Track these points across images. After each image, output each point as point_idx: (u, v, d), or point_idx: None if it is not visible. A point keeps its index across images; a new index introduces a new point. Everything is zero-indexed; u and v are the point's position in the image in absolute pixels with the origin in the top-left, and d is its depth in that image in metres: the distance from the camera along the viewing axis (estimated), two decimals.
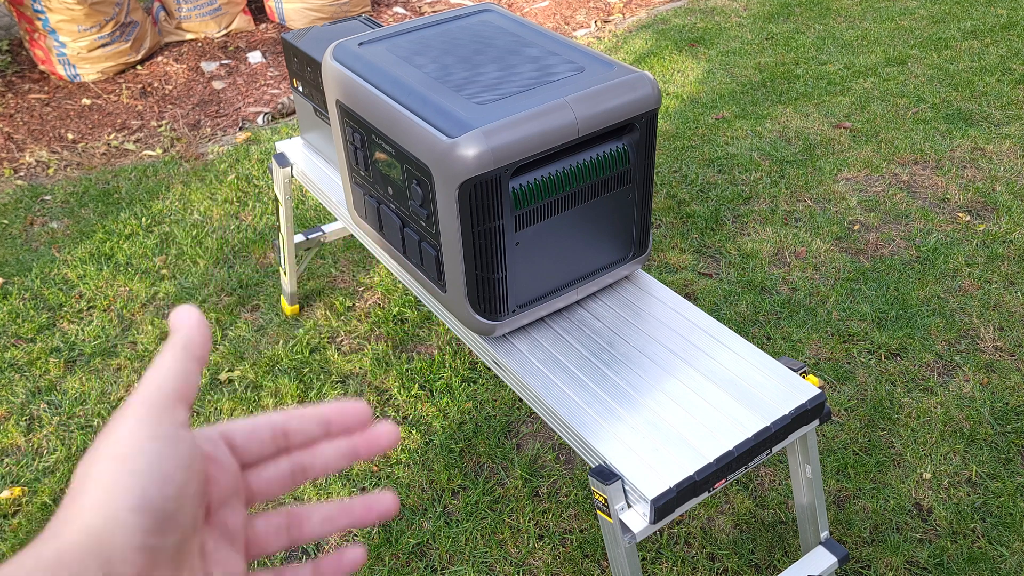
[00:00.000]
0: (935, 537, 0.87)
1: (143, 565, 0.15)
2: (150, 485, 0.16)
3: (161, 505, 0.16)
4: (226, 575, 0.18)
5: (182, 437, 0.17)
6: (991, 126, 1.65)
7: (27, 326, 1.23)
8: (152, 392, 0.17)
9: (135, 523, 0.15)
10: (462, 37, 0.74)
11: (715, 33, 2.12)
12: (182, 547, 0.16)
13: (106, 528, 0.15)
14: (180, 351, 0.18)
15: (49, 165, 1.68)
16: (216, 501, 0.18)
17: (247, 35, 2.22)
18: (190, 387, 0.18)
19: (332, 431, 0.20)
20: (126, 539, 0.15)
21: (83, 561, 0.15)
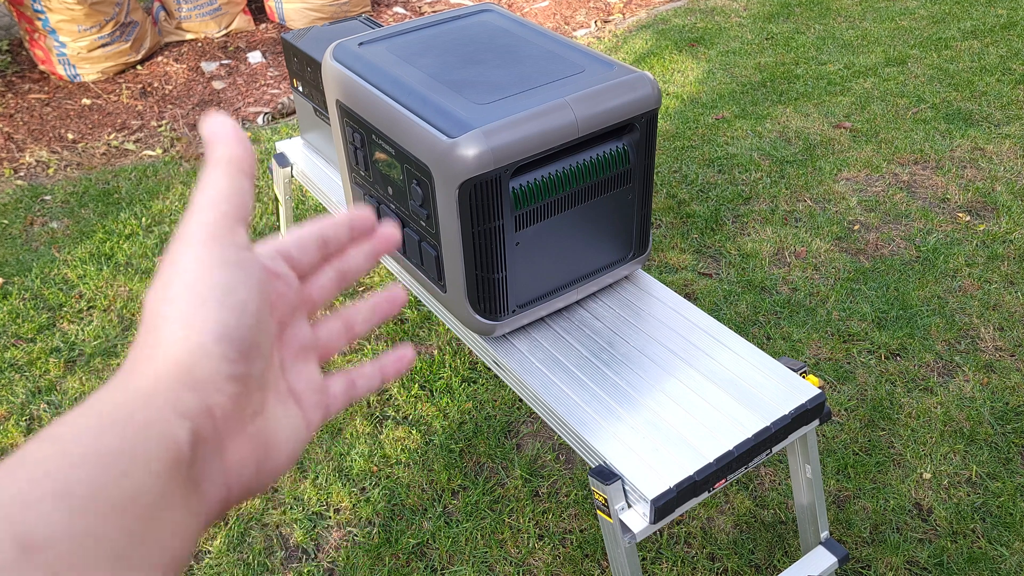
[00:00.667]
0: (935, 537, 0.87)
1: (236, 393, 0.15)
2: (229, 315, 0.15)
3: (242, 334, 0.15)
4: (309, 387, 0.18)
5: (249, 260, 0.16)
6: (991, 126, 1.65)
7: (27, 326, 1.23)
8: (209, 215, 0.16)
9: (221, 353, 0.15)
10: (462, 37, 0.74)
11: (715, 33, 2.12)
12: (266, 371, 0.16)
13: (193, 360, 0.15)
14: (226, 166, 0.17)
15: (49, 165, 1.68)
16: (285, 317, 0.18)
17: (247, 35, 2.22)
18: (245, 205, 0.17)
19: (355, 234, 0.20)
20: (216, 368, 0.15)
21: (177, 392, 0.14)
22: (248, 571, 0.88)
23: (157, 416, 0.14)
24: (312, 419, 0.18)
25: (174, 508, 0.14)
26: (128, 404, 0.14)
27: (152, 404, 0.14)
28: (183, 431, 0.14)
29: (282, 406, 0.17)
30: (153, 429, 0.14)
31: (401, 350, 0.21)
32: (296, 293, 0.19)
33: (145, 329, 0.15)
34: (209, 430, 0.15)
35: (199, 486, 0.14)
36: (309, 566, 0.87)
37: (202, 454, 0.15)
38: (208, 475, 0.15)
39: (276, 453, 0.16)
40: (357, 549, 0.89)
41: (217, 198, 0.16)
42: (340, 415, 1.07)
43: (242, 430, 0.16)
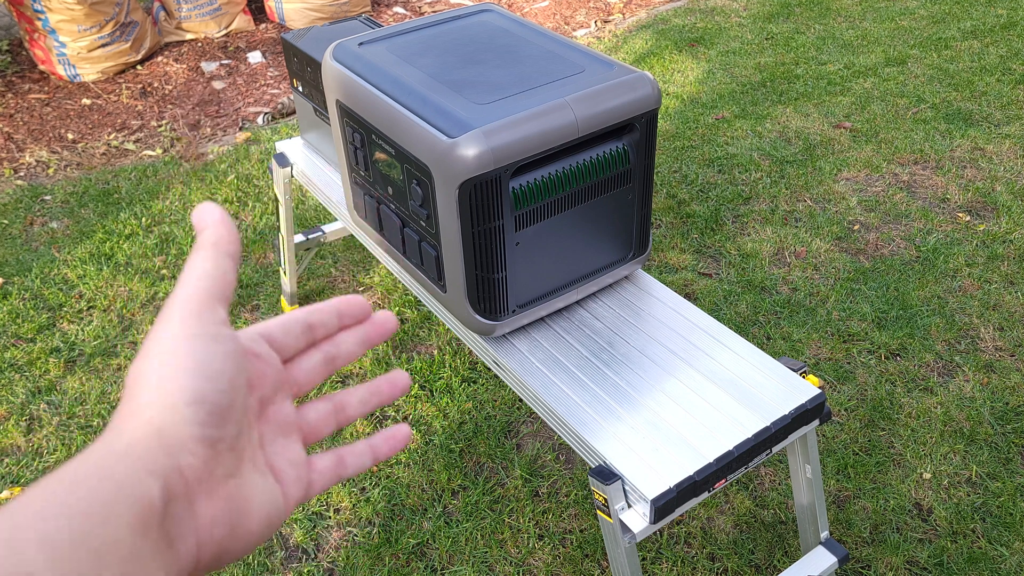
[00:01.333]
0: (935, 537, 0.87)
1: (206, 455, 0.16)
2: (202, 381, 0.16)
3: (215, 399, 0.16)
4: (288, 462, 0.19)
5: (225, 335, 0.17)
6: (991, 126, 1.65)
7: (27, 326, 1.23)
8: (190, 293, 0.17)
9: (193, 416, 0.16)
10: (462, 37, 0.74)
11: (715, 33, 2.12)
12: (240, 438, 0.17)
13: (166, 422, 0.16)
14: (211, 249, 0.18)
15: (49, 165, 1.68)
16: (266, 395, 0.19)
17: (247, 35, 2.22)
18: (226, 285, 0.18)
19: (344, 321, 0.21)
20: (187, 431, 0.16)
21: (150, 451, 0.15)
22: (248, 571, 0.87)
23: (131, 473, 0.15)
24: (291, 494, 0.19)
25: (147, 562, 0.14)
26: (107, 462, 0.15)
27: (127, 462, 0.15)
28: (155, 488, 0.15)
29: (259, 476, 0.18)
30: (128, 485, 0.14)
31: (395, 429, 0.21)
32: (277, 373, 0.19)
33: (126, 395, 0.16)
34: (180, 488, 0.16)
35: (172, 542, 0.15)
36: (309, 566, 0.87)
37: (173, 511, 0.15)
38: (180, 532, 0.15)
39: (249, 519, 0.17)
40: (357, 549, 0.88)
41: (200, 278, 0.18)
42: None
43: (213, 490, 0.16)
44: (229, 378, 0.17)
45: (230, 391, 0.17)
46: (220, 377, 0.16)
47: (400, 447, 0.21)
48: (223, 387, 0.16)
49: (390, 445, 0.21)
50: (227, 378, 0.17)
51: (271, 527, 0.18)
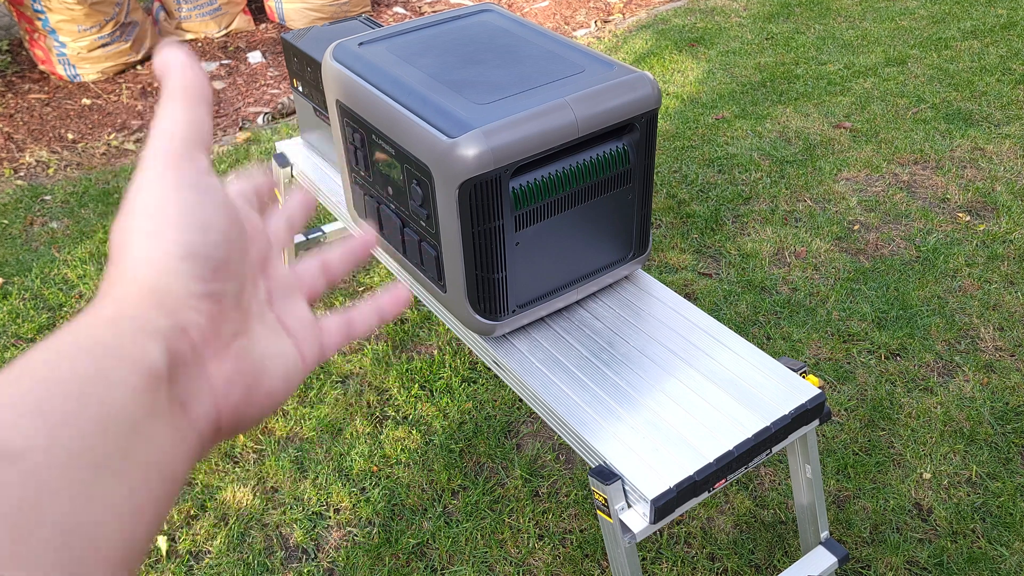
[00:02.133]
0: (935, 537, 0.87)
1: (210, 311, 0.15)
2: (194, 234, 0.15)
3: (208, 251, 0.15)
4: (300, 322, 0.18)
5: (211, 183, 0.16)
6: (991, 126, 1.65)
7: (27, 326, 1.23)
8: (166, 143, 0.15)
9: (189, 270, 0.14)
10: (462, 37, 0.74)
11: (715, 33, 2.12)
12: (244, 294, 0.16)
13: (161, 280, 0.14)
14: (181, 95, 0.16)
15: (49, 165, 1.68)
16: (264, 250, 0.18)
17: (247, 35, 2.22)
18: (203, 131, 0.16)
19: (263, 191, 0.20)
20: (186, 287, 0.14)
21: (147, 313, 0.14)
22: (248, 571, 0.87)
23: (126, 337, 0.13)
24: (307, 353, 0.18)
25: (159, 426, 0.13)
26: (94, 331, 0.13)
27: (121, 326, 0.13)
28: (156, 351, 0.13)
29: (272, 334, 0.17)
30: (126, 349, 0.13)
31: (397, 286, 0.21)
32: (263, 235, 0.18)
33: (112, 259, 0.15)
34: (186, 349, 0.14)
35: (185, 405, 0.14)
36: (309, 566, 0.87)
37: (183, 373, 0.14)
38: (193, 394, 0.14)
39: (267, 379, 0.16)
40: (357, 549, 0.88)
41: (174, 127, 0.16)
42: (340, 414, 1.07)
43: (224, 349, 0.15)
44: (222, 229, 0.15)
45: (225, 243, 0.15)
46: (212, 228, 0.15)
47: (403, 305, 0.20)
48: (217, 239, 0.15)
49: (393, 304, 0.20)
50: (220, 229, 0.15)
51: (290, 386, 0.16)
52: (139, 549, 0.12)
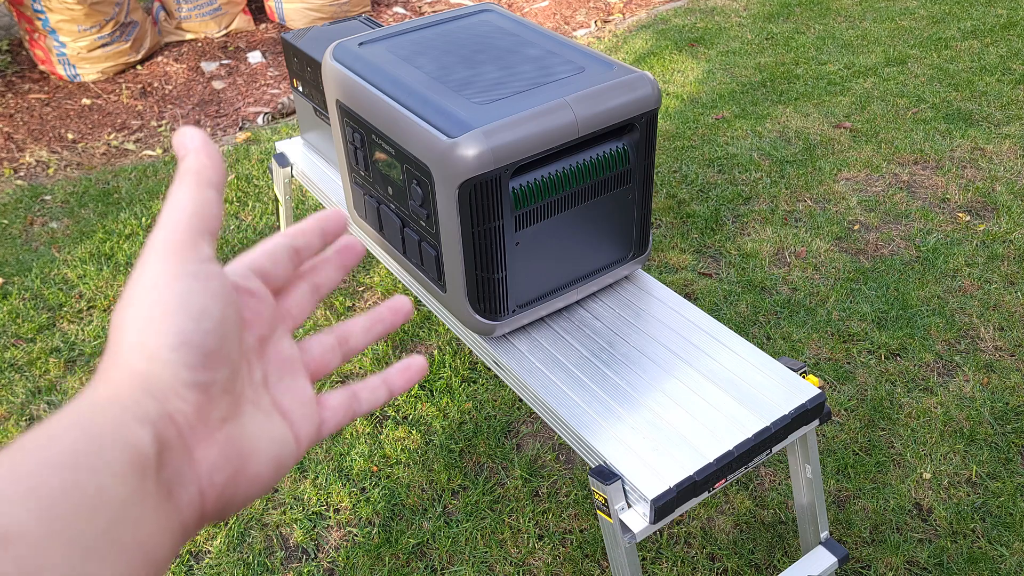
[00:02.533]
0: (935, 537, 0.87)
1: (197, 400, 0.15)
2: (187, 322, 0.15)
3: (200, 340, 0.15)
4: (297, 402, 0.18)
5: (210, 272, 0.16)
6: (991, 126, 1.65)
7: (27, 326, 1.23)
8: (171, 229, 0.16)
9: (179, 359, 0.15)
10: (462, 37, 0.74)
11: (715, 33, 2.11)
12: (235, 380, 0.16)
13: (152, 369, 0.15)
14: (192, 179, 0.17)
15: (49, 165, 1.68)
16: (264, 333, 0.18)
17: (247, 35, 2.22)
18: (211, 218, 0.16)
19: (327, 238, 0.20)
20: (174, 376, 0.15)
21: (138, 401, 0.14)
22: (248, 571, 0.87)
23: (118, 422, 0.14)
24: (302, 433, 0.18)
25: (145, 511, 0.13)
26: (89, 413, 0.14)
27: (112, 411, 0.14)
28: (145, 437, 0.14)
29: (264, 417, 0.17)
30: (116, 434, 0.14)
31: (409, 361, 0.20)
32: (272, 309, 0.18)
33: (109, 344, 0.15)
34: (173, 436, 0.15)
35: (171, 492, 0.14)
36: (309, 566, 0.87)
37: (169, 459, 0.14)
38: (179, 480, 0.15)
39: (254, 464, 0.16)
40: (357, 549, 0.88)
41: (181, 212, 0.16)
42: None
43: (210, 435, 0.15)
44: (217, 317, 0.15)
45: (219, 331, 0.15)
46: (206, 317, 0.15)
47: (416, 379, 0.20)
48: (210, 327, 0.15)
49: (405, 378, 0.20)
50: (215, 318, 0.15)
51: (281, 468, 0.17)
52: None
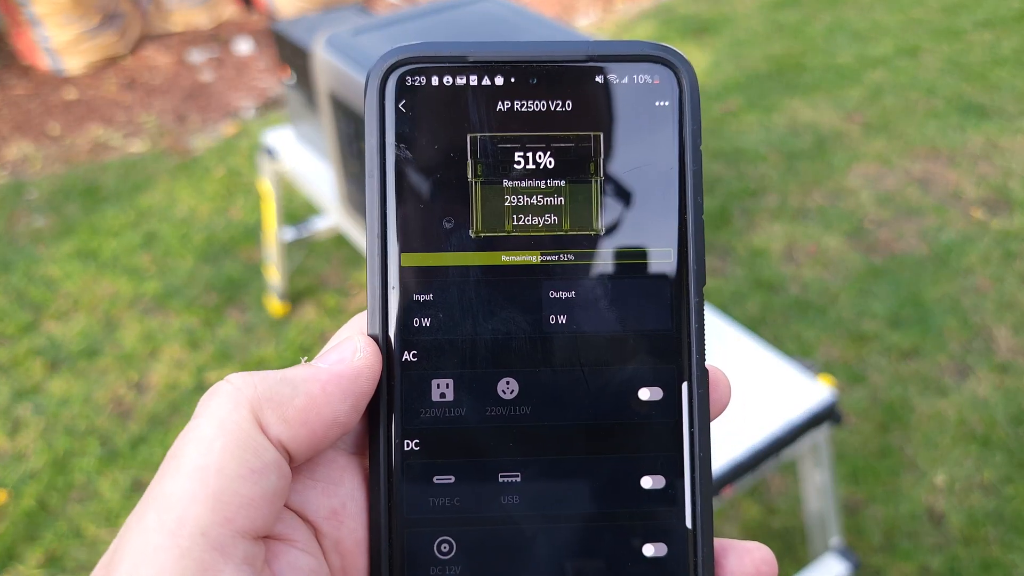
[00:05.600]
0: (948, 544, 0.85)
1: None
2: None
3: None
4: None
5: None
6: (1005, 120, 1.61)
7: (11, 326, 1.20)
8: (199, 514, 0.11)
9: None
10: (460, 26, 0.70)
11: (722, 22, 2.06)
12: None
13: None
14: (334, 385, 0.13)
15: (34, 160, 1.63)
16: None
17: (236, 25, 2.16)
18: (276, 497, 0.12)
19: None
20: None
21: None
22: None
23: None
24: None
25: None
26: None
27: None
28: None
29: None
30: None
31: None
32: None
33: (116, 542, 0.12)
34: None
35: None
36: None
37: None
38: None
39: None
40: None
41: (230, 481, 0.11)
42: None
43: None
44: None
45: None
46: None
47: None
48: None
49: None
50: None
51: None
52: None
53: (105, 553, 0.12)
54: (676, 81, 0.14)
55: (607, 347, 0.14)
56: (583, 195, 0.14)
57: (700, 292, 0.14)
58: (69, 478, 0.96)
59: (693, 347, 0.14)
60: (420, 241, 0.14)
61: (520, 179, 0.14)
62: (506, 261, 0.14)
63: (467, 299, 0.14)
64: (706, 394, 0.14)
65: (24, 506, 0.92)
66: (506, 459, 0.14)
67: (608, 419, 0.14)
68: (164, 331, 1.18)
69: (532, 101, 0.14)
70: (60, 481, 0.96)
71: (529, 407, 0.14)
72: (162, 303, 1.23)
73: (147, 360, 1.14)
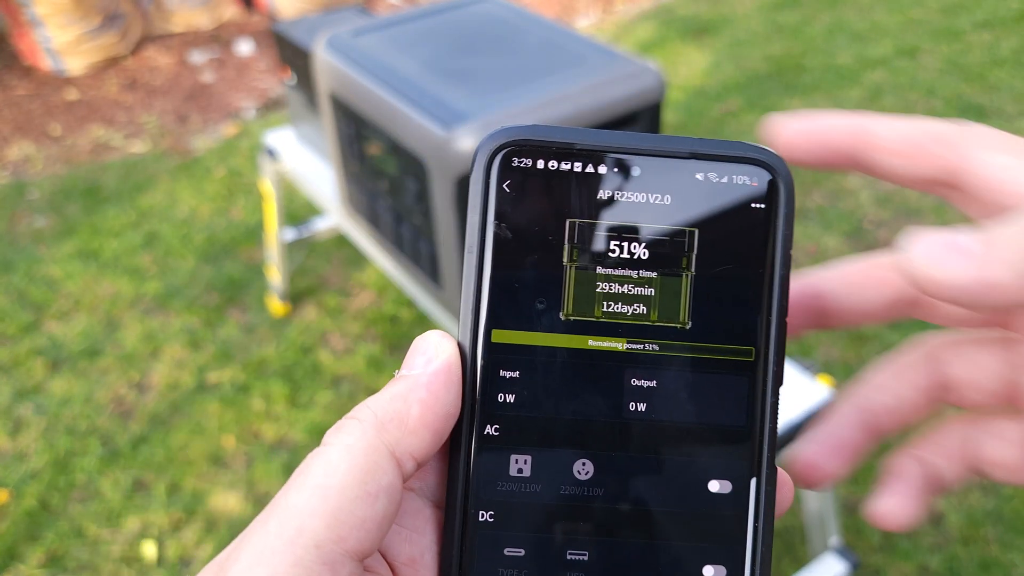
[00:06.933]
0: (947, 543, 0.85)
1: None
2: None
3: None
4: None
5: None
6: (1004, 120, 1.61)
7: (12, 325, 1.20)
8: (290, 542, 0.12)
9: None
10: (460, 27, 0.70)
11: (721, 23, 2.07)
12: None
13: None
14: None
15: (35, 160, 1.64)
16: None
17: (237, 26, 2.16)
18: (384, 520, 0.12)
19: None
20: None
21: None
22: None
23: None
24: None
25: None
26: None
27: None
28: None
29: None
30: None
31: None
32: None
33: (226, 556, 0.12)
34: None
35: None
36: None
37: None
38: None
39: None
40: None
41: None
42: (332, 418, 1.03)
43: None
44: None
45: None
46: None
47: None
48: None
49: None
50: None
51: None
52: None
53: (220, 552, 0.13)
54: (774, 186, 0.15)
55: (682, 437, 0.14)
56: (673, 288, 0.14)
57: (777, 392, 0.14)
58: (70, 478, 0.96)
59: (765, 445, 0.14)
60: (512, 319, 0.14)
61: (613, 267, 0.14)
62: (592, 346, 0.14)
63: (551, 379, 0.14)
64: (773, 491, 0.14)
65: (25, 506, 0.93)
66: (576, 537, 0.14)
67: (677, 507, 0.14)
68: (165, 331, 1.19)
69: (632, 192, 0.14)
70: (61, 481, 0.96)
71: (602, 489, 0.14)
72: (163, 303, 1.24)
73: (148, 360, 1.14)
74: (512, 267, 0.14)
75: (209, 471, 0.98)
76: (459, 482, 0.14)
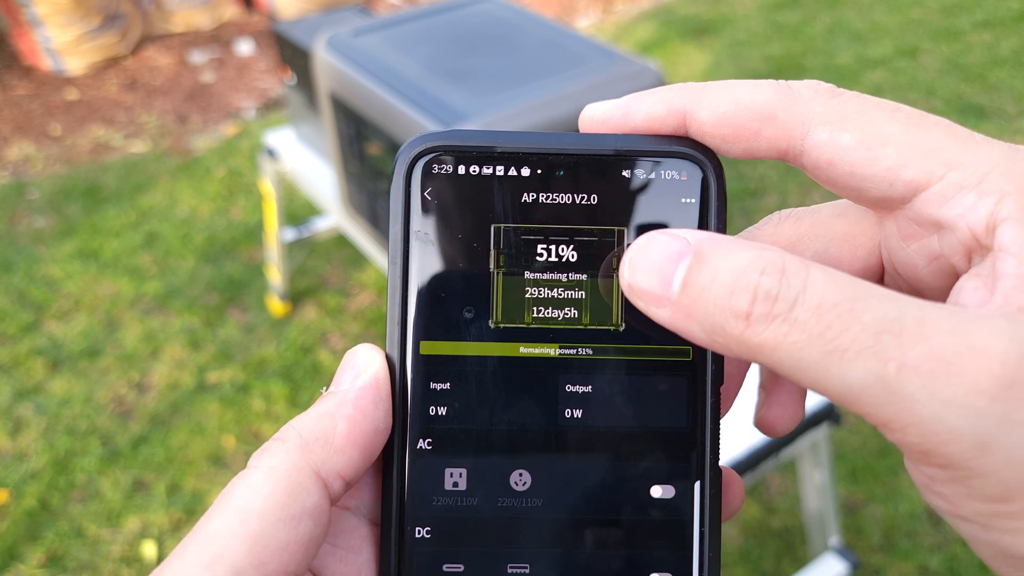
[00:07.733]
0: (947, 543, 0.85)
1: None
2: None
3: None
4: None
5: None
6: (1003, 120, 1.61)
7: (12, 325, 1.20)
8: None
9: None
10: (460, 27, 0.70)
11: (721, 23, 2.07)
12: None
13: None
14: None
15: (35, 160, 1.63)
16: None
17: (237, 26, 2.16)
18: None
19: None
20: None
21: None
22: None
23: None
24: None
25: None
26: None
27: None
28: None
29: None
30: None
31: None
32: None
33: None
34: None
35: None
36: None
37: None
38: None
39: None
40: None
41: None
42: None
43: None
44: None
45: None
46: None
47: None
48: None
49: None
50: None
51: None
52: None
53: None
54: (703, 179, 0.14)
55: (621, 443, 0.14)
56: (604, 290, 0.14)
57: (717, 392, 0.14)
58: (70, 478, 0.96)
59: (707, 446, 0.14)
60: (440, 329, 0.14)
61: (542, 271, 0.14)
62: (524, 353, 0.14)
63: (483, 389, 0.14)
64: (718, 494, 0.14)
65: (25, 506, 0.93)
66: (516, 550, 0.14)
67: (619, 515, 0.14)
68: (165, 331, 1.19)
69: (557, 193, 0.14)
70: (61, 481, 0.96)
71: (541, 499, 0.14)
72: (163, 303, 1.24)
73: (148, 360, 1.14)
74: (438, 276, 0.14)
75: (209, 471, 0.98)
76: (393, 499, 0.13)
